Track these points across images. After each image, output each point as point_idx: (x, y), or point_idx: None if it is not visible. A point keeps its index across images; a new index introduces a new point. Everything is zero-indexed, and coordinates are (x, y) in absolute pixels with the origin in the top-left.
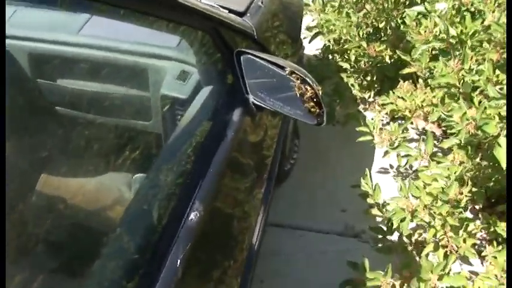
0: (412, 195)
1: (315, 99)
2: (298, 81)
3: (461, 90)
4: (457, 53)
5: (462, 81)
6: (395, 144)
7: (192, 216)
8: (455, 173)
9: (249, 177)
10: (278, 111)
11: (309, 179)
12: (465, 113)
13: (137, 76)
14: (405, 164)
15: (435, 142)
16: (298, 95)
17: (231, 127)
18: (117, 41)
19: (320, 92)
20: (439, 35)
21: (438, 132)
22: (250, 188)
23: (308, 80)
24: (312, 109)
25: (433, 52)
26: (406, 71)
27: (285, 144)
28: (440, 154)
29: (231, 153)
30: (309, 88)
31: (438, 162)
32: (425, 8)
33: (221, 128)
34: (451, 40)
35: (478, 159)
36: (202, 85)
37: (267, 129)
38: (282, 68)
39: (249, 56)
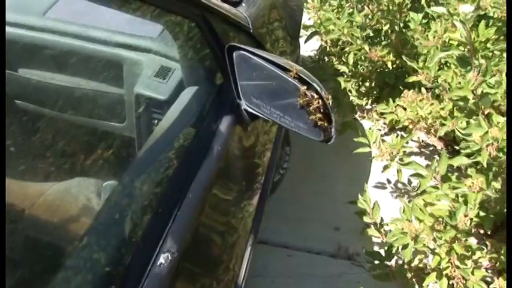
0: (416, 218)
1: (322, 111)
2: (304, 87)
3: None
4: (476, 62)
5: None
6: (398, 159)
7: (172, 235)
8: (475, 200)
9: (238, 198)
10: (275, 122)
11: (300, 192)
12: (487, 132)
13: (110, 70)
14: (417, 189)
15: (436, 156)
16: (302, 104)
17: (218, 138)
18: (88, 27)
19: (330, 102)
20: (448, 41)
21: (439, 146)
22: (238, 210)
23: (316, 86)
24: (319, 122)
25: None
26: (412, 79)
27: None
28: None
29: (217, 169)
30: (316, 96)
31: (454, 188)
32: (448, 11)
33: (206, 138)
34: (469, 48)
35: (499, 186)
36: (185, 85)
37: (261, 141)
38: (284, 69)
39: (243, 52)
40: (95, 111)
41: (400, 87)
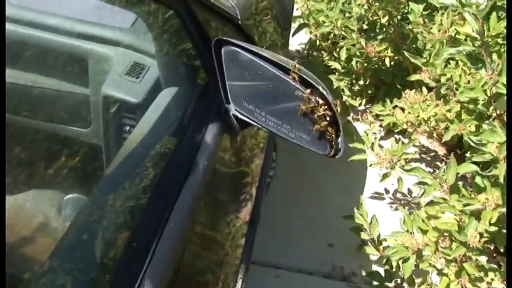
0: (419, 230)
1: (329, 119)
2: (308, 91)
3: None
4: (489, 59)
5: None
6: (399, 166)
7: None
8: (491, 219)
9: (226, 221)
10: (271, 131)
11: (288, 203)
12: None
13: (73, 65)
14: (421, 195)
15: (438, 163)
16: (305, 110)
17: (204, 151)
18: (47, 14)
19: (339, 109)
20: (455, 35)
21: (442, 151)
22: (230, 239)
23: (321, 89)
24: (326, 133)
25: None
26: (415, 77)
27: None
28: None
29: (202, 189)
30: (321, 102)
31: (466, 205)
32: (460, 1)
33: (189, 152)
34: (481, 43)
35: None
36: (162, 85)
37: (252, 152)
38: (283, 68)
39: (234, 48)
40: (55, 113)
41: (398, 86)
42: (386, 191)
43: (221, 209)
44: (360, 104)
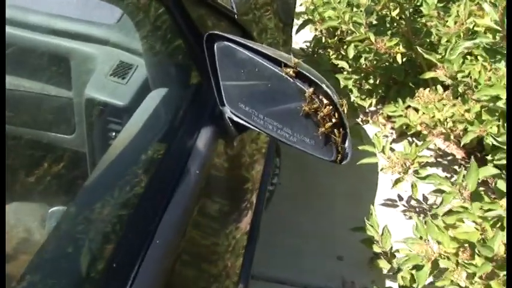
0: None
1: (334, 121)
2: (310, 90)
3: None
4: None
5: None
6: (413, 171)
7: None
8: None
9: (222, 235)
10: (271, 135)
11: (293, 213)
12: None
13: (54, 66)
14: (440, 204)
15: (456, 168)
16: (308, 112)
17: (196, 159)
18: (26, 10)
19: (345, 110)
20: (473, 28)
21: (460, 155)
22: (222, 250)
23: (325, 87)
24: (332, 136)
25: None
26: (429, 75)
27: None
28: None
29: (194, 201)
30: (326, 102)
31: (487, 211)
32: None
33: (180, 159)
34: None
35: None
36: (151, 86)
37: (252, 158)
38: (282, 65)
39: (228, 43)
40: (36, 119)
41: (411, 84)
42: (400, 198)
43: (216, 222)
44: (370, 105)
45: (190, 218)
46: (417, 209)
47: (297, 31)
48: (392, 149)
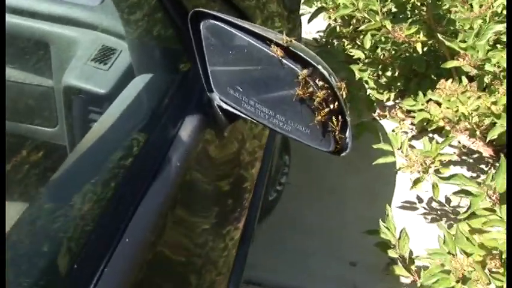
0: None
1: (332, 107)
2: (304, 72)
3: None
4: None
5: None
6: (433, 170)
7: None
8: None
9: (207, 237)
10: (263, 124)
11: (303, 215)
12: None
13: (32, 52)
14: (468, 209)
15: (483, 167)
16: (302, 97)
17: (177, 149)
18: None
19: (344, 94)
20: (501, 11)
21: (487, 152)
22: (206, 254)
23: (321, 69)
24: (328, 124)
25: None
26: (451, 64)
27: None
28: None
29: (172, 196)
30: (322, 85)
31: None
32: None
33: (158, 148)
34: None
35: None
36: (135, 72)
37: (247, 151)
38: (274, 45)
39: (215, 22)
40: (14, 110)
41: (433, 76)
42: (419, 200)
43: (202, 220)
44: (388, 99)
45: (167, 214)
46: (439, 212)
47: (310, 20)
48: (412, 146)
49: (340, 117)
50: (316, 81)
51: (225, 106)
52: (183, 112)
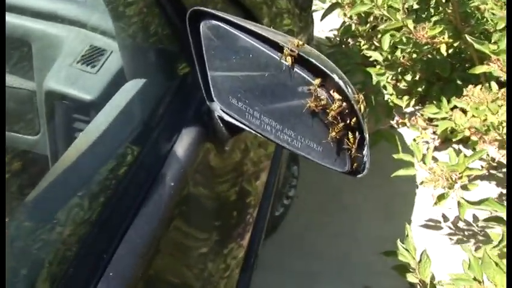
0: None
1: (348, 122)
2: (317, 81)
3: None
4: None
5: None
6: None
7: None
8: None
9: (204, 265)
10: (269, 139)
11: (312, 232)
12: None
13: (12, 51)
14: (499, 242)
15: None
16: (314, 109)
17: (172, 166)
18: None
19: (362, 108)
20: None
21: None
22: (207, 277)
23: (337, 79)
24: (344, 141)
25: None
26: (480, 69)
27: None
28: None
29: (165, 217)
30: (337, 97)
31: None
32: None
33: (155, 165)
34: None
35: None
36: (126, 76)
37: (251, 166)
38: (283, 49)
39: (217, 23)
40: None
41: (458, 81)
42: (444, 218)
43: (196, 248)
44: (408, 105)
45: (158, 241)
46: (465, 233)
47: (323, 17)
48: (434, 158)
49: (357, 133)
50: (331, 92)
51: (226, 118)
52: (179, 124)
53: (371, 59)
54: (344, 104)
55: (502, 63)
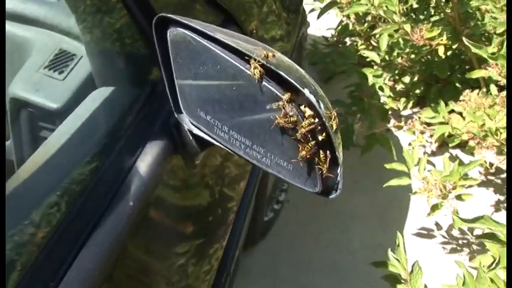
0: None
1: (319, 140)
2: (287, 96)
3: None
4: None
5: None
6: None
7: None
8: None
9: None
10: (239, 155)
11: (302, 239)
12: None
13: None
14: (495, 264)
15: None
16: (284, 125)
17: (135, 183)
18: None
19: (334, 125)
20: None
21: None
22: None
23: (308, 94)
24: (315, 160)
25: None
26: (478, 73)
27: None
28: None
29: (121, 239)
30: (309, 113)
31: None
32: None
33: (115, 181)
34: None
35: None
36: (96, 84)
37: (223, 178)
38: (252, 61)
39: (183, 31)
40: None
41: (457, 84)
42: (438, 227)
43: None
44: (405, 107)
45: (114, 265)
46: (459, 242)
47: (319, 16)
48: (431, 164)
49: (328, 152)
50: (302, 107)
51: (195, 131)
52: (145, 136)
53: (368, 60)
54: (315, 120)
55: (500, 68)
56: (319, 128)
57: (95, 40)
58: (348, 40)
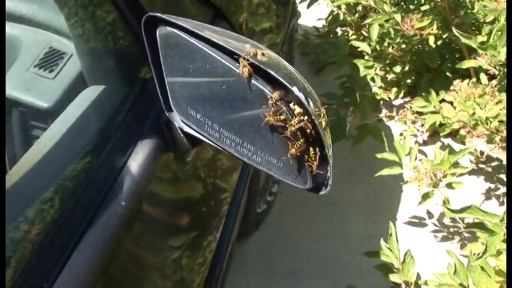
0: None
1: (308, 138)
2: (276, 94)
3: None
4: None
5: None
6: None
7: None
8: None
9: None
10: (230, 153)
11: (295, 230)
12: None
13: None
14: (483, 253)
15: (502, 177)
16: (273, 123)
17: (124, 183)
18: None
19: (323, 123)
20: None
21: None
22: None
23: (296, 91)
24: (305, 158)
25: None
26: (468, 63)
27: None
28: None
29: (112, 240)
30: (298, 111)
31: None
32: None
33: (107, 180)
34: None
35: None
36: (87, 82)
37: (214, 174)
38: (241, 59)
39: (172, 30)
40: None
41: (447, 73)
42: (429, 215)
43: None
44: (397, 97)
45: (106, 265)
46: (451, 230)
47: (309, 5)
48: (422, 153)
49: (317, 149)
50: (291, 105)
51: (186, 129)
52: (136, 135)
53: (359, 50)
54: (304, 118)
55: (489, 58)
56: (308, 125)
57: (84, 38)
58: (339, 30)
